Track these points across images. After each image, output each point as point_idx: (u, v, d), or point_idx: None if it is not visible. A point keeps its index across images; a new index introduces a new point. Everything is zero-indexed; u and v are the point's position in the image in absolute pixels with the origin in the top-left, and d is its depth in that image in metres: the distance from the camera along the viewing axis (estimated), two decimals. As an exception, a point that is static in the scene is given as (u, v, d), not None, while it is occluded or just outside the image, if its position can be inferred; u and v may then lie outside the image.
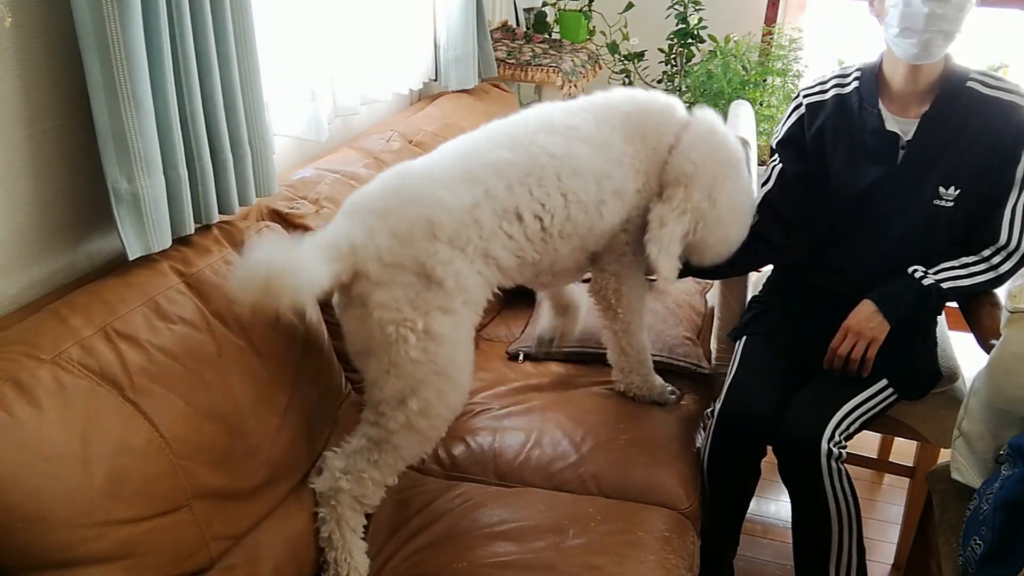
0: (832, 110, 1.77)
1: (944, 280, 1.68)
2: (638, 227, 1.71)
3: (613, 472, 1.72)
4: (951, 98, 1.67)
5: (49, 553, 1.07)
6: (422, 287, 1.43)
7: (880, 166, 1.72)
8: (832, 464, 1.63)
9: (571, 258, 1.68)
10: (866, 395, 1.73)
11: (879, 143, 1.72)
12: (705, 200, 1.66)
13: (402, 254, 1.42)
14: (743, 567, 2.13)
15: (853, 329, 1.70)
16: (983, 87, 1.68)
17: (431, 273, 1.43)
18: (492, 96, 2.72)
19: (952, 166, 1.68)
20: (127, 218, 1.30)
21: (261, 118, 1.55)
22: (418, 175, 1.52)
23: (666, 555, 1.49)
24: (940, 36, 1.59)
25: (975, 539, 1.36)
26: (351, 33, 2.07)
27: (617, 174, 1.64)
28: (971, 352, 1.75)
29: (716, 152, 1.69)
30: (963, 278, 1.69)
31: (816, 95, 1.80)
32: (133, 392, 1.21)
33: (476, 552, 1.51)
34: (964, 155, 1.67)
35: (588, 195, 1.59)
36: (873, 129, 1.72)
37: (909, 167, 1.70)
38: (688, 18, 3.12)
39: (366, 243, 1.42)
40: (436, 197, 1.46)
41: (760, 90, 2.99)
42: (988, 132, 1.66)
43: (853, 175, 1.74)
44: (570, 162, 1.57)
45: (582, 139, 1.60)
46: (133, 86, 1.24)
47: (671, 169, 1.67)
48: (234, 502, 1.35)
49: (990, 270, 1.69)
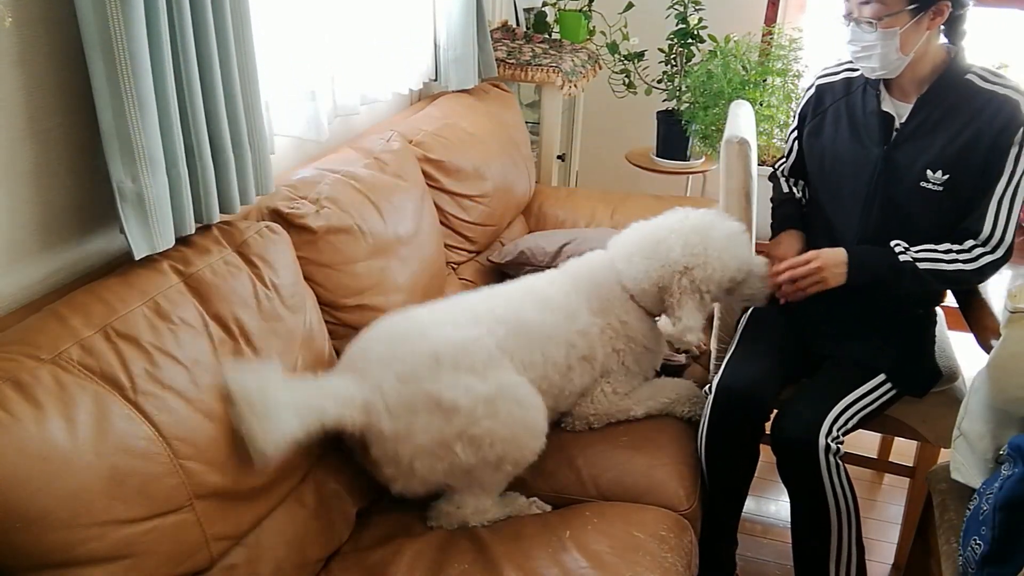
0: (840, 91, 1.87)
1: (923, 260, 1.70)
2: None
3: (612, 473, 1.72)
4: (947, 86, 1.72)
5: (49, 553, 1.07)
6: (442, 421, 1.51)
7: (874, 145, 1.78)
8: (830, 459, 1.63)
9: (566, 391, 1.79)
10: (864, 390, 1.74)
11: (875, 123, 1.79)
12: (704, 283, 1.76)
13: (410, 396, 1.51)
14: (743, 567, 2.13)
15: (818, 262, 1.73)
16: (981, 80, 1.71)
17: (440, 401, 1.51)
18: (492, 96, 2.72)
19: (941, 151, 1.71)
20: (132, 217, 1.30)
21: (259, 117, 1.55)
22: (424, 319, 1.63)
23: (663, 554, 1.49)
24: (878, 58, 1.69)
25: (975, 539, 1.36)
26: (351, 33, 2.07)
27: (583, 343, 1.76)
28: (971, 352, 1.75)
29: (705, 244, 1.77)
30: (943, 263, 1.70)
31: (828, 77, 1.91)
32: (133, 392, 1.21)
33: (475, 554, 1.51)
34: (953, 141, 1.71)
35: (560, 358, 1.73)
36: (872, 110, 1.79)
37: (899, 148, 1.75)
38: (688, 18, 3.11)
39: (374, 399, 1.51)
40: (442, 333, 1.58)
41: (760, 90, 2.99)
42: (977, 121, 1.69)
43: (850, 152, 1.81)
44: (546, 330, 1.71)
45: (553, 308, 1.75)
46: (137, 85, 1.24)
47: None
48: (235, 502, 1.35)
49: (971, 260, 1.70)
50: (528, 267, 2.25)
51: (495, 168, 2.41)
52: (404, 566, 1.47)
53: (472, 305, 1.71)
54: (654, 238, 1.79)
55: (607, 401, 1.82)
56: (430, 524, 1.62)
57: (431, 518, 1.62)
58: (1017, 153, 1.66)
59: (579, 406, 1.82)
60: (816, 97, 1.91)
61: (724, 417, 1.74)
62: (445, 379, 1.52)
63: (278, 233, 1.59)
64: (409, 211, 1.97)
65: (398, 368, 1.53)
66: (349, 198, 1.79)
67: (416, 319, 1.64)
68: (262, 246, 1.53)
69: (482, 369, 1.57)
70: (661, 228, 1.81)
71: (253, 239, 1.53)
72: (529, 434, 1.59)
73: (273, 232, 1.58)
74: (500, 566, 1.45)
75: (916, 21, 1.65)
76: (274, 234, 1.58)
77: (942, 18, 1.67)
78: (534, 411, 1.60)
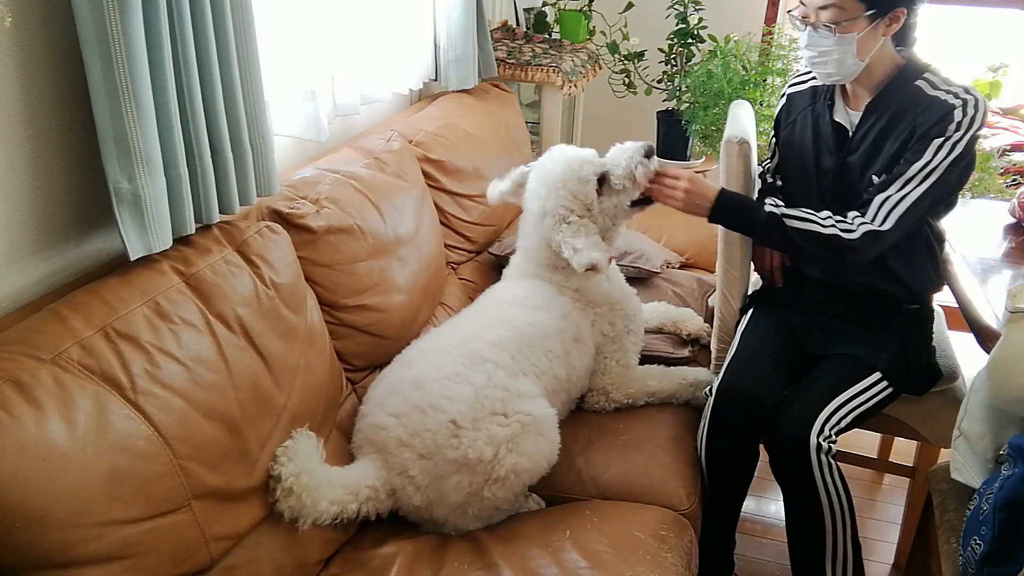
0: (807, 99, 1.89)
1: (792, 218, 1.73)
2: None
3: (612, 472, 1.72)
4: (894, 92, 1.73)
5: (49, 553, 1.07)
6: (470, 475, 1.55)
7: (829, 155, 1.81)
8: (821, 458, 1.63)
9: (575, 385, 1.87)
10: (858, 388, 1.73)
11: (830, 133, 1.81)
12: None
13: (436, 469, 1.55)
14: (743, 567, 2.13)
15: (687, 186, 1.75)
16: (930, 87, 1.70)
17: (467, 461, 1.55)
18: (492, 96, 2.72)
19: (883, 156, 1.73)
20: (128, 218, 1.30)
21: (262, 117, 1.55)
22: (433, 378, 1.62)
23: (664, 554, 1.49)
24: (834, 64, 1.69)
25: (975, 539, 1.36)
26: (351, 33, 2.07)
27: (569, 325, 1.81)
28: (971, 352, 1.75)
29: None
30: (818, 225, 1.71)
31: (797, 85, 1.94)
32: (133, 392, 1.21)
33: (473, 555, 1.51)
34: (892, 147, 1.71)
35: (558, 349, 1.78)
36: (827, 119, 1.81)
37: (850, 156, 1.78)
38: (688, 18, 3.11)
39: (400, 483, 1.57)
40: (453, 394, 1.59)
41: (760, 90, 2.99)
42: (913, 126, 1.69)
43: (812, 162, 1.84)
44: (541, 328, 1.76)
45: (536, 306, 1.80)
46: (134, 86, 1.24)
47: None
48: (234, 502, 1.35)
49: (849, 231, 1.69)
50: None
51: (495, 168, 2.41)
52: (403, 566, 1.47)
53: (467, 340, 1.70)
54: (523, 221, 1.89)
55: (617, 369, 1.88)
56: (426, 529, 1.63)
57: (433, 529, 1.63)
58: (940, 144, 1.64)
59: (593, 379, 1.90)
60: (788, 105, 1.94)
61: (725, 420, 1.74)
62: (466, 439, 1.55)
63: (278, 233, 1.59)
64: (409, 211, 1.97)
65: (418, 445, 1.56)
66: (349, 198, 1.79)
67: (423, 382, 1.62)
68: (262, 246, 1.53)
69: (501, 408, 1.60)
70: (526, 215, 1.89)
71: (253, 239, 1.53)
72: (549, 455, 1.65)
73: (273, 232, 1.58)
74: (499, 566, 1.45)
75: (872, 27, 1.65)
76: (274, 234, 1.58)
77: (897, 24, 1.67)
78: (550, 430, 1.66)
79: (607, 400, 1.90)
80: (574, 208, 1.79)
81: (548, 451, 1.64)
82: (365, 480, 1.54)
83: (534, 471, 1.61)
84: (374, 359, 1.82)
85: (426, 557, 1.50)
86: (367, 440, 1.62)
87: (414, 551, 1.51)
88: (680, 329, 2.17)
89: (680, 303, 2.30)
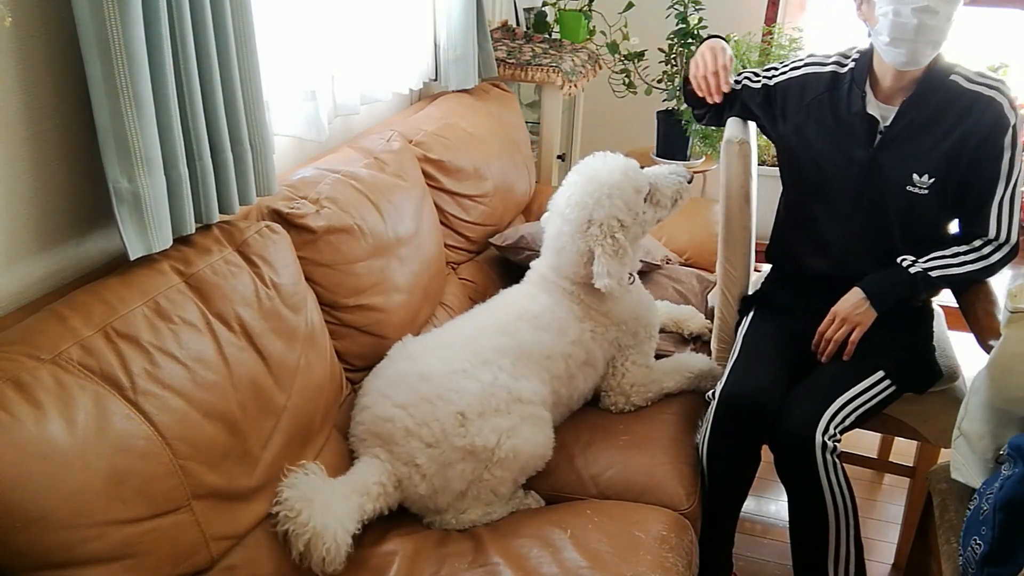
0: (826, 85, 1.85)
1: (933, 269, 1.74)
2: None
3: (612, 472, 1.72)
4: (932, 89, 1.73)
5: (49, 553, 1.07)
6: (475, 463, 1.59)
7: (858, 147, 1.79)
8: (827, 457, 1.63)
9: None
10: (861, 387, 1.73)
11: (859, 124, 1.79)
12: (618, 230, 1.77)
13: (443, 457, 1.57)
14: (743, 567, 2.13)
15: (840, 315, 1.77)
16: (965, 81, 1.72)
17: (474, 449, 1.58)
18: (492, 96, 2.71)
19: (926, 154, 1.73)
20: (128, 218, 1.30)
21: (262, 117, 1.55)
22: (440, 372, 1.64)
23: (664, 554, 1.49)
24: (929, 46, 1.66)
25: (975, 539, 1.36)
26: (351, 33, 2.07)
27: (579, 352, 1.80)
28: (971, 352, 1.75)
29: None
30: (953, 267, 1.74)
31: (817, 67, 1.88)
32: (133, 392, 1.21)
33: (473, 554, 1.51)
34: (938, 144, 1.72)
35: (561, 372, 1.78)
36: (856, 111, 1.79)
37: (883, 151, 1.77)
38: (688, 18, 3.11)
39: (407, 472, 1.57)
40: (461, 387, 1.61)
41: (760, 90, 2.99)
42: (962, 123, 1.70)
43: (833, 152, 1.82)
44: (543, 349, 1.75)
45: (543, 326, 1.78)
46: (134, 85, 1.24)
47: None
48: (234, 502, 1.35)
49: (980, 259, 1.74)
50: (528, 252, 2.26)
51: (495, 168, 2.41)
52: (403, 565, 1.47)
53: (472, 340, 1.72)
54: (557, 218, 1.83)
55: (637, 370, 1.89)
56: (427, 522, 1.64)
57: (434, 523, 1.63)
58: (1010, 156, 1.69)
59: (612, 379, 1.90)
60: (801, 85, 1.88)
61: (728, 425, 1.74)
62: (473, 429, 1.58)
63: (278, 233, 1.59)
64: (409, 211, 1.97)
65: (425, 435, 1.58)
66: (349, 198, 1.79)
67: (430, 375, 1.64)
68: (262, 246, 1.53)
69: (505, 408, 1.63)
70: (554, 210, 1.86)
71: (253, 239, 1.53)
72: (544, 445, 1.69)
73: (273, 232, 1.58)
74: (499, 564, 1.45)
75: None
76: (274, 234, 1.58)
77: None
78: (546, 427, 1.71)
79: (627, 403, 1.90)
80: (623, 219, 1.78)
81: (544, 442, 1.68)
82: (372, 478, 1.55)
83: (531, 454, 1.65)
84: (374, 359, 1.82)
85: (426, 555, 1.50)
86: (370, 432, 1.62)
87: (414, 549, 1.51)
88: (682, 328, 2.18)
89: (681, 300, 2.30)
